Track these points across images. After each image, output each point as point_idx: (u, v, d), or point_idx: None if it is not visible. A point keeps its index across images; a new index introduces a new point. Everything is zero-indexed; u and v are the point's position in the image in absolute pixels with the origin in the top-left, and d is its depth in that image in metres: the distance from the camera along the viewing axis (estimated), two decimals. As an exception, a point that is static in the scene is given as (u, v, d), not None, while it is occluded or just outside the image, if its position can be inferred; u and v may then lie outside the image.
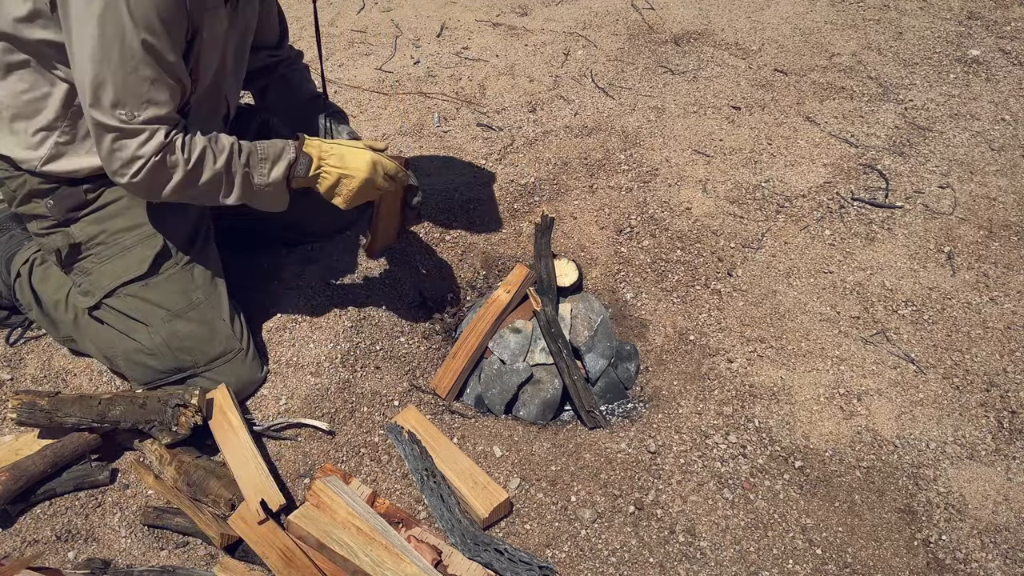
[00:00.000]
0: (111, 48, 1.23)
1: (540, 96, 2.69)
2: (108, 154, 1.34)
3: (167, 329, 1.56)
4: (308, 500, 1.41)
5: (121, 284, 1.57)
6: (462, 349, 1.75)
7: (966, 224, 2.09)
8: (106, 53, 1.24)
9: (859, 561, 1.38)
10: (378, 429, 1.61)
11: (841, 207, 2.16)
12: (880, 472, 1.53)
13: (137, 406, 1.47)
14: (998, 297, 1.88)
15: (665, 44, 2.98)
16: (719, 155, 2.36)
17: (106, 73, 1.25)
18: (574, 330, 1.81)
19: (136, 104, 1.29)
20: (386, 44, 3.08)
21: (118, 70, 1.26)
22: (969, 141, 2.39)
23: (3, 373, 1.72)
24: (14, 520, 1.45)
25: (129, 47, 1.24)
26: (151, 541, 1.42)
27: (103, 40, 1.23)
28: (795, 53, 2.88)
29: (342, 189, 1.51)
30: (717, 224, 2.11)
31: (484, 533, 1.40)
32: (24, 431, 1.56)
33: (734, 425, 1.62)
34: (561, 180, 2.28)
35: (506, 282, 1.85)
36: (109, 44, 1.23)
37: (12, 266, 1.72)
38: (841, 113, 2.54)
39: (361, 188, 1.50)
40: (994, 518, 1.44)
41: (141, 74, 1.27)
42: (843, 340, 1.79)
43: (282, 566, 1.30)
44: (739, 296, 1.91)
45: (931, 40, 2.91)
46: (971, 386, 1.69)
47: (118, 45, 1.23)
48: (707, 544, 1.41)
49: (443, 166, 2.35)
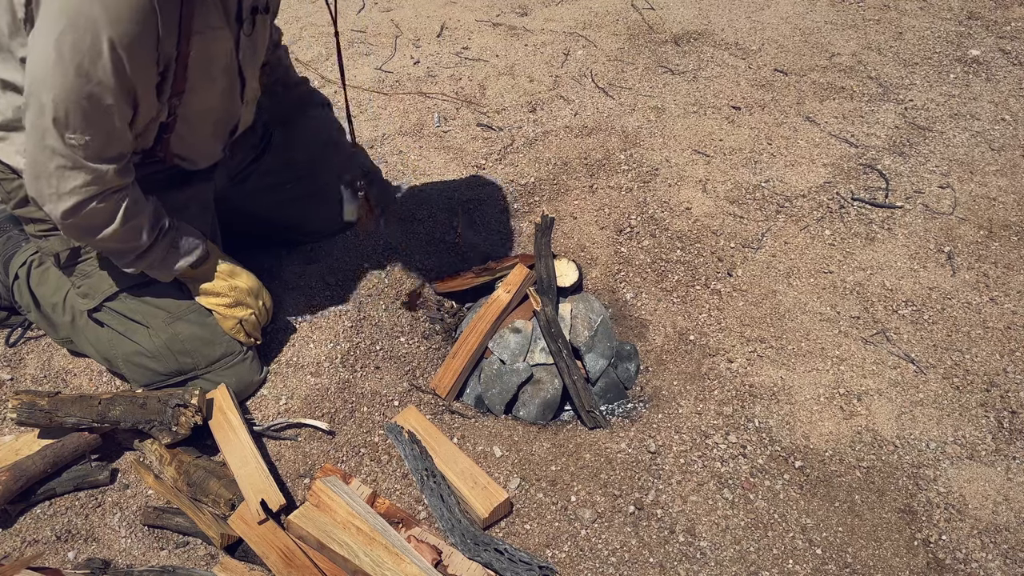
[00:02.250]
0: (67, 71, 1.17)
1: (540, 96, 2.69)
2: (47, 177, 1.28)
3: (168, 331, 1.56)
4: (308, 500, 1.41)
5: (122, 287, 1.57)
6: (462, 349, 1.75)
7: (966, 224, 2.09)
8: (62, 76, 1.17)
9: (859, 561, 1.38)
10: (378, 429, 1.61)
11: (841, 207, 2.16)
12: (880, 472, 1.53)
13: (137, 406, 1.47)
14: (998, 297, 1.88)
15: (665, 44, 2.98)
16: (719, 155, 2.36)
17: (60, 96, 1.19)
18: (574, 330, 1.81)
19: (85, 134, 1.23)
20: (386, 44, 3.08)
21: (72, 92, 1.19)
22: (969, 141, 2.39)
23: (3, 373, 1.72)
24: (14, 520, 1.45)
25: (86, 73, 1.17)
26: (151, 541, 1.42)
27: (60, 62, 1.16)
28: (795, 53, 2.88)
29: (224, 293, 1.58)
30: (717, 224, 2.11)
31: (484, 533, 1.40)
32: (24, 431, 1.56)
33: (734, 425, 1.62)
34: (561, 180, 2.28)
35: (506, 282, 1.85)
36: (66, 66, 1.16)
37: (10, 268, 1.72)
38: (841, 113, 2.54)
39: (239, 300, 1.59)
40: (994, 518, 1.44)
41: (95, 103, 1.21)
42: (843, 340, 1.79)
43: (282, 566, 1.30)
44: (739, 296, 1.91)
45: (931, 40, 2.91)
46: (971, 386, 1.69)
47: (73, 69, 1.17)
48: (707, 544, 1.41)
49: (443, 166, 2.35)
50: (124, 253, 1.46)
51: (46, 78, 1.18)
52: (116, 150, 1.30)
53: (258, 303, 1.63)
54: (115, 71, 1.18)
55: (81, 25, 1.13)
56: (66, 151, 1.24)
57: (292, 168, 1.88)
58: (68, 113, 1.20)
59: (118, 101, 1.22)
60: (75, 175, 1.27)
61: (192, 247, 1.53)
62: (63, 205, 1.30)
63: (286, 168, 1.87)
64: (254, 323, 1.63)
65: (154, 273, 1.53)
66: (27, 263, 1.69)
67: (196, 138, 1.53)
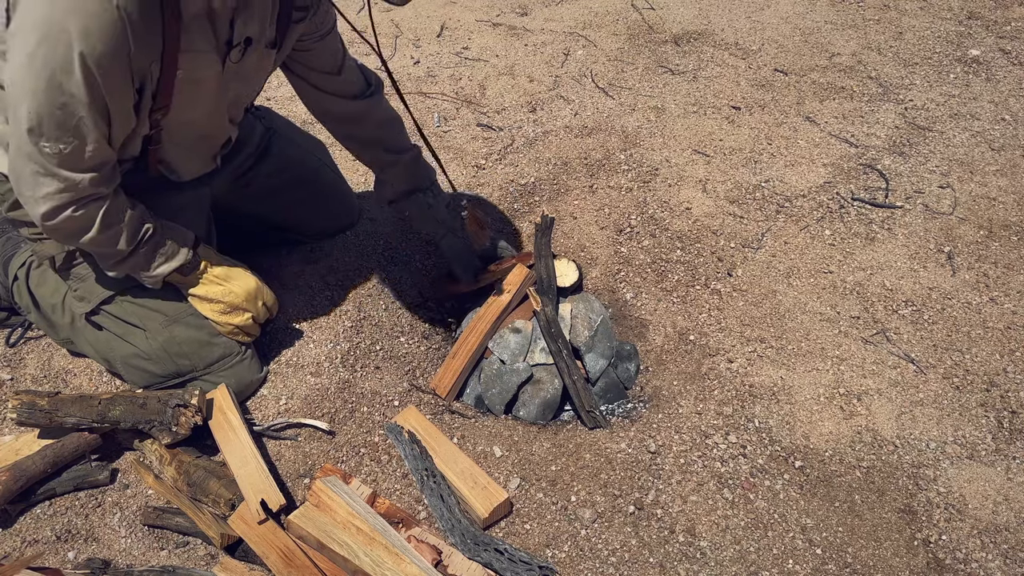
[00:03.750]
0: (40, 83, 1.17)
1: (540, 96, 2.69)
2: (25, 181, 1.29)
3: (165, 334, 1.56)
4: (308, 500, 1.41)
5: (118, 290, 1.57)
6: (462, 349, 1.75)
7: (966, 224, 2.09)
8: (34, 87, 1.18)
9: (859, 561, 1.38)
10: (378, 429, 1.61)
11: (841, 207, 2.16)
12: (880, 472, 1.53)
13: (137, 406, 1.47)
14: (998, 297, 1.88)
15: (665, 44, 2.98)
16: (719, 155, 2.36)
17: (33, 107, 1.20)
18: (574, 330, 1.81)
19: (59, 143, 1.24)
20: (386, 44, 3.08)
21: (44, 104, 1.19)
22: (969, 141, 2.39)
23: (3, 373, 1.72)
24: (14, 520, 1.45)
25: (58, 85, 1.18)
26: (151, 541, 1.42)
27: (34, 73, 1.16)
28: (795, 53, 2.88)
29: (219, 299, 1.56)
30: (717, 224, 2.11)
31: (484, 533, 1.40)
32: (24, 431, 1.56)
33: (734, 425, 1.62)
34: (561, 180, 2.28)
35: (506, 282, 1.85)
36: (39, 78, 1.17)
37: (10, 268, 1.72)
38: (841, 113, 2.54)
39: (236, 305, 1.56)
40: (994, 518, 1.44)
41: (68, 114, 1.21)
42: (843, 340, 1.79)
43: (282, 566, 1.30)
44: (739, 296, 1.91)
45: (931, 40, 2.91)
46: (971, 386, 1.69)
47: (45, 81, 1.17)
48: (707, 544, 1.41)
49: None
50: (106, 257, 1.46)
51: (23, 87, 1.18)
52: (94, 160, 1.30)
53: (257, 305, 1.61)
54: (87, 85, 1.18)
55: (54, 37, 1.13)
56: (40, 158, 1.26)
57: (294, 170, 1.88)
58: (42, 122, 1.21)
59: (91, 113, 1.23)
60: (49, 182, 1.28)
61: (175, 252, 1.50)
62: (39, 209, 1.32)
63: (288, 170, 1.87)
64: (251, 327, 1.61)
65: (141, 279, 1.52)
66: (26, 264, 1.69)
67: (181, 152, 1.53)
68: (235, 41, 1.36)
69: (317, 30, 1.56)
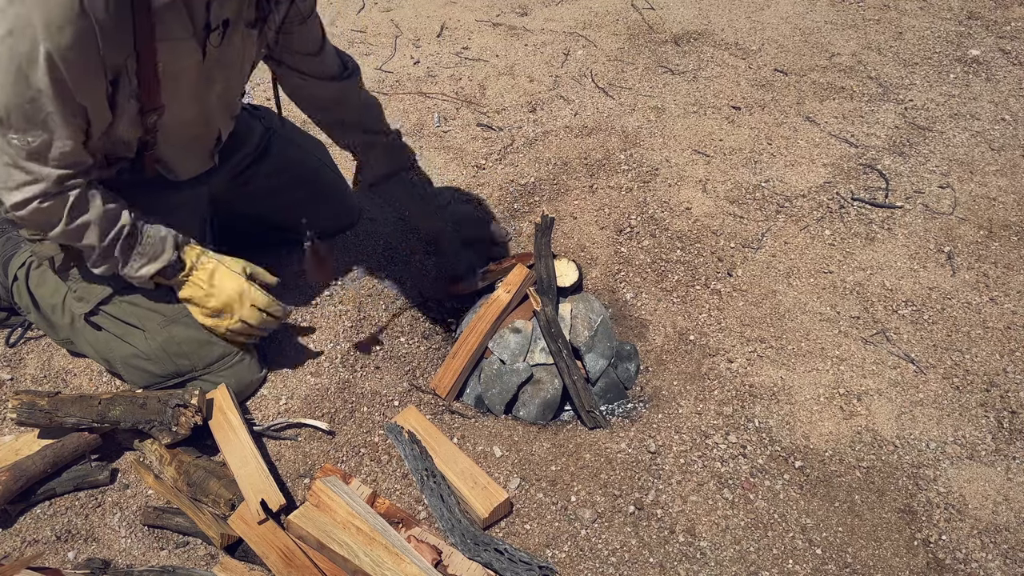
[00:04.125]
0: (7, 75, 1.18)
1: (540, 96, 2.69)
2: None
3: (164, 334, 1.56)
4: (308, 500, 1.41)
5: (115, 290, 1.56)
6: (462, 349, 1.75)
7: (966, 224, 2.09)
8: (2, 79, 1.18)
9: (859, 561, 1.38)
10: (378, 429, 1.61)
11: (841, 207, 2.16)
12: (880, 472, 1.53)
13: (137, 406, 1.47)
14: (998, 297, 1.88)
15: (665, 44, 2.98)
16: (719, 155, 2.36)
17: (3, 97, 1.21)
18: (574, 330, 1.81)
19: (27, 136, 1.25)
20: (386, 44, 3.08)
21: (12, 96, 1.20)
22: (969, 141, 2.39)
23: (3, 373, 1.72)
24: (14, 520, 1.45)
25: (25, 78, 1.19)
26: (151, 541, 1.42)
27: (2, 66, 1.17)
28: (795, 53, 2.88)
29: (203, 303, 1.54)
30: (717, 224, 2.11)
31: (484, 533, 1.40)
32: (24, 431, 1.56)
33: (734, 425, 1.62)
34: (561, 180, 2.28)
35: (506, 282, 1.85)
36: (7, 70, 1.17)
37: (9, 269, 1.72)
38: (841, 113, 2.54)
39: (220, 309, 1.54)
40: (994, 518, 1.44)
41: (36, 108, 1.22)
42: (843, 340, 1.79)
43: (282, 566, 1.30)
44: (739, 296, 1.92)
45: (931, 40, 2.91)
46: (971, 386, 1.69)
47: (13, 74, 1.18)
48: (707, 544, 1.41)
49: (443, 166, 2.35)
50: (85, 254, 1.46)
51: None
52: (66, 159, 1.30)
53: (243, 308, 1.54)
54: (52, 79, 1.18)
55: (19, 31, 1.14)
56: (9, 150, 1.27)
57: (294, 170, 1.88)
58: (10, 114, 1.23)
59: (59, 108, 1.23)
60: (17, 173, 1.30)
61: (157, 254, 1.48)
62: (10, 199, 1.34)
63: (288, 170, 1.87)
64: (244, 329, 1.57)
65: (128, 279, 1.51)
66: (26, 264, 1.69)
67: (176, 151, 1.53)
68: (213, 24, 1.35)
69: (300, 13, 1.57)
